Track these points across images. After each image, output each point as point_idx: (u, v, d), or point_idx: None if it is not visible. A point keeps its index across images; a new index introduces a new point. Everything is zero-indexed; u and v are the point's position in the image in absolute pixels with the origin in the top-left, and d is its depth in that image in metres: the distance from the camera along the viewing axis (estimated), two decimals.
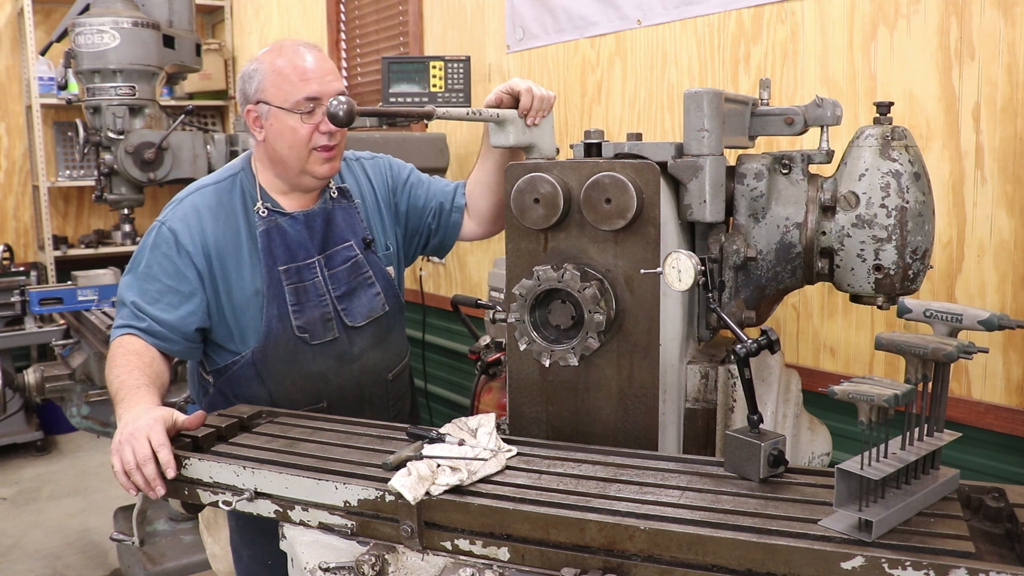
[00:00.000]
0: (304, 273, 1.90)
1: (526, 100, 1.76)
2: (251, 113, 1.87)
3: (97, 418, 3.50)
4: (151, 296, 1.84)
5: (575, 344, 1.47)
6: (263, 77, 1.83)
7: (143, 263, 1.87)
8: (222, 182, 1.94)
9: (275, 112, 1.82)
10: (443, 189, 2.11)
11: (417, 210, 2.09)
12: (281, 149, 1.85)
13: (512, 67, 3.29)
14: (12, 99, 5.62)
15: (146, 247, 1.88)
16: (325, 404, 1.96)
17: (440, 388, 3.91)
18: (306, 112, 1.81)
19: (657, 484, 1.29)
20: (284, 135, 1.83)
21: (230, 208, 1.90)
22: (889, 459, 1.14)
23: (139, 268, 1.87)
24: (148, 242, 1.89)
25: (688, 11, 2.55)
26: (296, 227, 1.91)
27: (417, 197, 2.09)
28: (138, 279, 1.86)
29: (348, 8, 4.41)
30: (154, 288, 1.84)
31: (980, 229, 1.94)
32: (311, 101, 1.81)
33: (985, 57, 1.90)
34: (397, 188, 2.09)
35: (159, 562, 3.22)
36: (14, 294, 4.83)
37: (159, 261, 1.86)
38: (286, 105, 1.80)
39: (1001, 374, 1.94)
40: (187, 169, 3.14)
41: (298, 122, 1.81)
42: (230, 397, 1.93)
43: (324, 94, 1.81)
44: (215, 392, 1.97)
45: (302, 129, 1.82)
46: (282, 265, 1.88)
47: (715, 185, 1.50)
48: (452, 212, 2.09)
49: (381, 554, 1.28)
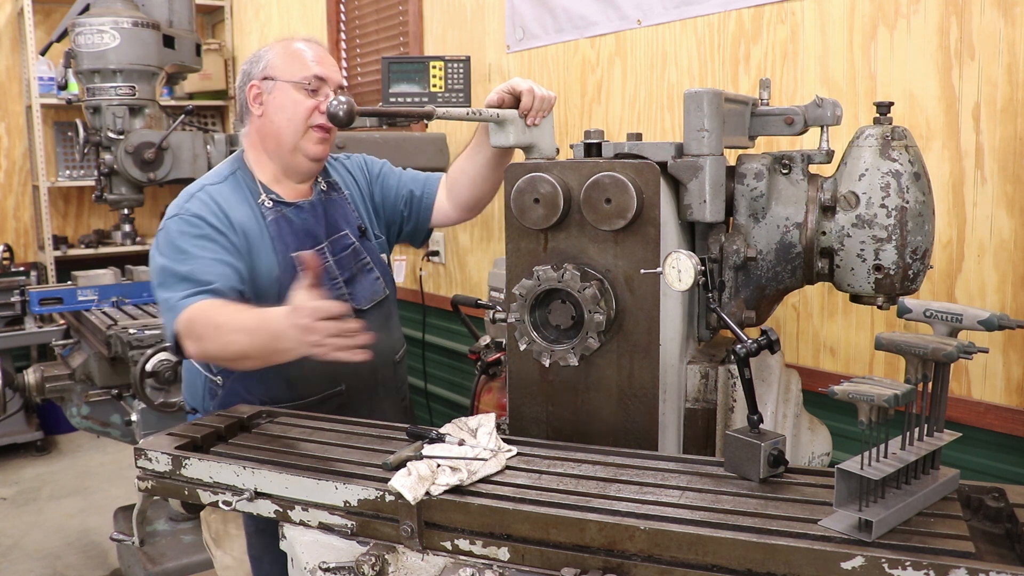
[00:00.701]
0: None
1: (527, 100, 1.77)
2: (253, 89, 1.93)
3: (97, 418, 3.50)
4: (202, 267, 1.76)
5: (575, 344, 1.47)
6: (273, 56, 1.93)
7: (174, 252, 1.79)
8: (225, 180, 1.95)
9: (280, 86, 1.90)
10: (414, 178, 2.19)
11: (390, 199, 2.17)
12: (279, 122, 1.91)
13: (512, 67, 3.29)
14: (12, 99, 5.62)
15: (171, 241, 1.81)
16: (343, 387, 2.00)
17: (440, 388, 3.91)
18: (312, 89, 1.90)
19: (657, 484, 1.29)
20: (285, 108, 1.90)
21: (241, 199, 1.93)
22: (889, 459, 1.14)
23: (172, 259, 1.79)
24: (172, 236, 1.81)
25: (688, 11, 2.55)
26: (302, 215, 1.97)
27: (389, 187, 2.17)
28: (174, 270, 1.76)
29: (348, 8, 4.41)
30: (198, 264, 1.76)
31: (980, 229, 1.94)
32: (318, 80, 1.91)
33: (985, 57, 1.90)
34: (372, 180, 2.18)
35: (159, 562, 3.22)
36: (14, 294, 4.83)
37: (192, 243, 1.79)
38: (294, 79, 1.89)
39: (1001, 374, 1.94)
40: (187, 169, 3.13)
41: (302, 97, 1.90)
42: (243, 394, 1.91)
43: (330, 79, 1.93)
44: (227, 392, 1.95)
45: (305, 103, 1.90)
46: (294, 251, 1.91)
47: (715, 185, 1.50)
48: (423, 199, 2.17)
49: (381, 554, 1.28)
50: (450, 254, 3.78)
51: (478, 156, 2.03)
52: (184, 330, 1.69)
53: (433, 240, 3.81)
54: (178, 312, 1.70)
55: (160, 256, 1.81)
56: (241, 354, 1.64)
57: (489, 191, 2.10)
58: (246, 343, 1.61)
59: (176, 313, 1.70)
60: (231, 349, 1.64)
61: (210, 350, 1.68)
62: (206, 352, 1.70)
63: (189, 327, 1.68)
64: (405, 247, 2.34)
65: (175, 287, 1.74)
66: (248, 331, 1.61)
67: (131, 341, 3.10)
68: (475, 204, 2.14)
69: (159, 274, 1.80)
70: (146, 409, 3.16)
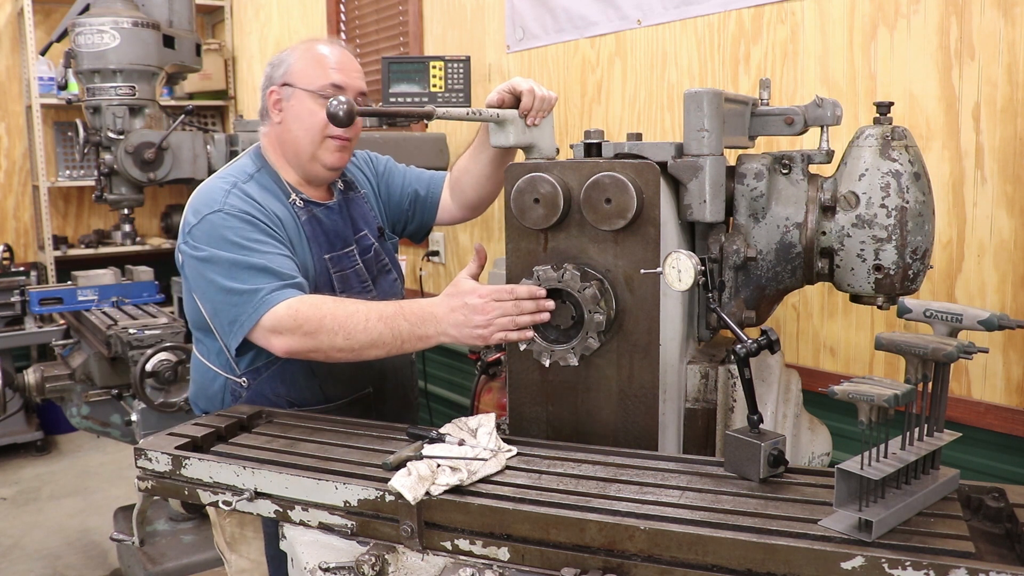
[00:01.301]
0: (345, 261, 1.94)
1: (527, 100, 1.76)
2: (273, 95, 1.90)
3: (97, 418, 3.50)
4: (275, 261, 1.69)
5: (575, 344, 1.47)
6: (295, 61, 1.88)
7: (232, 246, 1.70)
8: (252, 177, 1.87)
9: (299, 94, 1.86)
10: (418, 177, 2.18)
11: (396, 198, 2.16)
12: (297, 131, 1.87)
13: (512, 67, 3.29)
14: (12, 99, 5.62)
15: (222, 236, 1.72)
16: (371, 390, 2.00)
17: (440, 388, 3.91)
18: (328, 98, 1.79)
19: (657, 484, 1.29)
20: (302, 118, 1.86)
21: (273, 197, 1.87)
22: (889, 459, 1.14)
23: (235, 251, 1.70)
24: (221, 230, 1.72)
25: (688, 11, 2.55)
26: (332, 216, 1.95)
27: (394, 185, 2.16)
28: (248, 261, 1.68)
29: (348, 8, 4.41)
30: (269, 258, 1.69)
31: (980, 229, 1.94)
32: (336, 88, 1.85)
33: (985, 57, 1.90)
34: (379, 177, 2.17)
35: (159, 562, 3.22)
36: (14, 294, 4.83)
37: (250, 237, 1.72)
38: (311, 88, 1.85)
39: (1001, 374, 1.94)
40: (187, 169, 3.13)
41: (319, 107, 1.84)
42: (270, 396, 1.86)
43: (349, 86, 1.87)
44: (252, 394, 1.87)
45: (321, 113, 1.81)
46: (326, 253, 1.90)
47: (715, 185, 1.50)
48: (428, 199, 2.16)
49: (381, 554, 1.28)
50: (450, 254, 3.78)
51: (481, 156, 2.03)
52: (284, 325, 1.63)
53: (433, 240, 3.81)
54: (270, 305, 1.64)
55: (219, 251, 1.71)
56: (371, 342, 1.60)
57: (493, 190, 2.10)
58: (380, 330, 1.59)
59: (268, 307, 1.64)
60: (361, 338, 1.60)
61: (332, 342, 1.61)
62: (319, 345, 1.62)
63: (294, 321, 1.62)
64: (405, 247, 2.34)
65: (254, 279, 1.67)
66: (384, 318, 1.59)
67: (131, 341, 3.10)
68: (479, 203, 2.14)
69: (226, 267, 1.70)
70: (146, 409, 3.16)
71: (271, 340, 1.66)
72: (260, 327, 1.66)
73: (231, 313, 1.69)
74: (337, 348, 1.62)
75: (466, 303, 1.53)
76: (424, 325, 1.58)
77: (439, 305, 1.57)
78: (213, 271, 1.71)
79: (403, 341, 1.60)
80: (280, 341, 1.65)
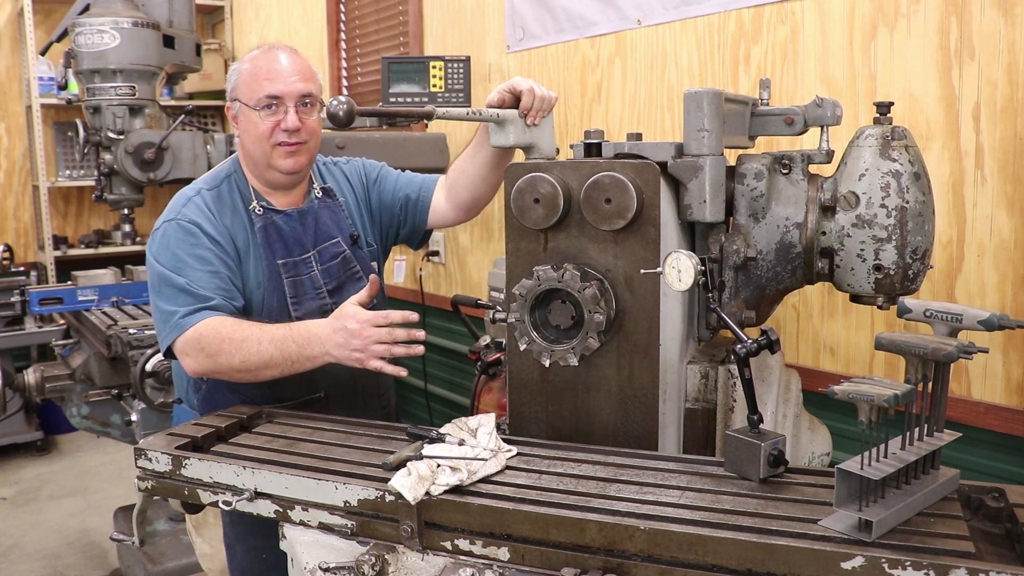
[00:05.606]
0: (300, 267, 1.99)
1: (527, 100, 1.77)
2: (230, 110, 1.99)
3: (97, 418, 3.50)
4: (200, 280, 1.81)
5: (575, 344, 1.47)
6: (239, 75, 1.96)
7: (171, 259, 1.83)
8: (220, 185, 1.99)
9: (244, 109, 1.94)
10: (410, 181, 2.21)
11: (387, 203, 2.18)
12: (248, 144, 1.96)
13: (512, 67, 3.29)
14: (12, 99, 5.62)
15: (168, 247, 1.85)
16: (322, 394, 2.02)
17: (440, 388, 3.91)
18: (265, 108, 1.90)
19: (657, 484, 1.29)
20: (250, 131, 1.94)
21: (233, 206, 1.97)
22: (889, 459, 1.14)
23: (170, 266, 1.83)
24: (168, 241, 1.86)
25: (688, 11, 2.55)
26: (291, 223, 2.00)
27: (386, 191, 2.19)
28: (172, 280, 1.81)
29: (348, 8, 4.41)
30: (196, 276, 1.82)
31: (980, 229, 1.94)
32: (271, 99, 1.90)
33: (985, 57, 1.90)
34: (370, 185, 2.19)
35: (159, 562, 3.22)
36: (14, 294, 4.84)
37: (189, 253, 1.84)
38: (251, 103, 1.91)
39: (1001, 374, 1.94)
40: (187, 169, 3.13)
41: (260, 118, 1.91)
42: (226, 391, 1.96)
43: (286, 93, 1.90)
44: (210, 387, 2.00)
45: (263, 124, 1.91)
46: (280, 259, 1.96)
47: (715, 185, 1.50)
48: (419, 202, 2.18)
49: (381, 554, 1.28)
50: (450, 254, 3.78)
51: (478, 156, 2.04)
52: (190, 348, 1.76)
53: (433, 240, 3.81)
54: (182, 330, 1.77)
55: (156, 261, 1.86)
56: (264, 363, 1.72)
57: (488, 192, 2.11)
58: (271, 352, 1.71)
59: (180, 331, 1.77)
60: (254, 360, 1.72)
61: (230, 363, 1.74)
62: (219, 367, 1.75)
63: (197, 345, 1.75)
64: (405, 247, 2.33)
65: (174, 300, 1.80)
66: (275, 340, 1.71)
67: (131, 341, 3.10)
68: (474, 205, 2.15)
69: (156, 279, 1.86)
70: (146, 409, 3.16)
71: (183, 360, 1.80)
72: (174, 348, 1.80)
73: (157, 327, 1.87)
74: (235, 369, 1.74)
75: (345, 327, 1.66)
76: (310, 346, 1.70)
77: (323, 327, 1.70)
78: (151, 278, 1.87)
79: (293, 361, 1.72)
80: (188, 362, 1.79)
